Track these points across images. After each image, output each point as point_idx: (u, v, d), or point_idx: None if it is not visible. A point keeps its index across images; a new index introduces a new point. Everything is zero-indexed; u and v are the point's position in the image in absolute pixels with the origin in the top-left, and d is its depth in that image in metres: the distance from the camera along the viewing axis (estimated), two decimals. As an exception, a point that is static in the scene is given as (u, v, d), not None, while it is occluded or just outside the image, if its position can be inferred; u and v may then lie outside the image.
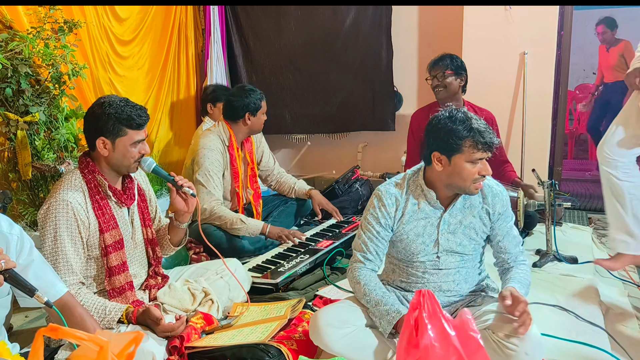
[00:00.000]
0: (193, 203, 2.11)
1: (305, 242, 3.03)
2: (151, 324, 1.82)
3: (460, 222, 1.90)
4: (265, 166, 3.44)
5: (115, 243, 1.97)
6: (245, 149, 3.24)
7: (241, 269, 2.42)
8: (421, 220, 1.90)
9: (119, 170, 2.00)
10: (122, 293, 1.99)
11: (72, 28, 2.82)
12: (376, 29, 4.18)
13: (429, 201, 1.90)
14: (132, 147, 1.95)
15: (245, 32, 4.46)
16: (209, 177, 2.99)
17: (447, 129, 1.81)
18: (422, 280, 1.95)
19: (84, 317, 1.71)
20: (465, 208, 1.90)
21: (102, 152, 1.94)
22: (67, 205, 1.87)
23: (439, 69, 3.24)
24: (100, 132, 1.92)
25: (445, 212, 1.89)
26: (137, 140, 1.96)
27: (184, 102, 4.20)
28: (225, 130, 3.12)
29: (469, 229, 1.90)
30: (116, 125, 1.91)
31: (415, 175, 1.95)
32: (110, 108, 1.91)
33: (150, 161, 2.06)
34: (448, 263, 1.92)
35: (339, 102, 4.38)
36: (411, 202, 1.91)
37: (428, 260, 1.92)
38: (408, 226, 1.91)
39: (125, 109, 1.92)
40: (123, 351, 1.25)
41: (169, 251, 2.28)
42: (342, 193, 3.65)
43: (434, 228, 1.90)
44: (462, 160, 1.79)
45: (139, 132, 1.96)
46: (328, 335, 1.77)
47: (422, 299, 1.35)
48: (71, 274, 1.87)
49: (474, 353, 1.31)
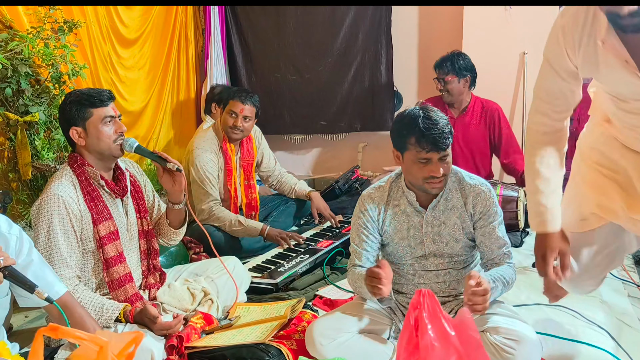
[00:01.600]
0: (180, 180, 2.09)
1: (305, 242, 3.03)
2: (148, 323, 1.82)
3: (443, 223, 1.89)
4: (266, 167, 3.43)
5: (109, 234, 1.97)
6: (243, 154, 3.20)
7: (240, 267, 2.41)
8: (404, 223, 1.91)
9: (102, 156, 1.98)
10: (121, 285, 1.98)
11: (72, 28, 2.82)
12: (376, 29, 4.18)
13: (410, 202, 1.90)
14: (104, 126, 1.94)
15: (245, 32, 4.46)
16: (204, 177, 2.98)
17: (397, 126, 1.85)
18: (413, 281, 1.96)
19: (83, 317, 1.71)
20: (448, 209, 1.89)
21: (80, 142, 1.95)
22: (59, 200, 1.87)
23: (441, 74, 3.26)
24: (69, 122, 1.94)
25: (426, 212, 1.89)
26: (106, 117, 1.94)
27: (184, 101, 4.21)
28: (219, 128, 3.12)
29: (454, 230, 1.88)
30: (80, 109, 1.92)
31: (398, 178, 1.97)
32: (71, 97, 1.94)
33: (132, 140, 2.04)
34: (437, 264, 1.92)
35: (338, 102, 4.37)
36: (392, 204, 1.93)
37: (417, 263, 1.93)
38: (392, 229, 1.93)
39: (83, 91, 1.95)
40: (123, 351, 1.25)
41: (172, 236, 2.25)
42: (342, 193, 3.65)
43: (418, 230, 1.90)
44: (409, 158, 1.81)
45: (104, 109, 1.94)
46: (323, 346, 1.77)
47: (422, 299, 1.35)
48: (66, 267, 1.86)
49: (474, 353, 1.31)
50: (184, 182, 2.11)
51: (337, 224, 3.33)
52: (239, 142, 3.17)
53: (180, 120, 4.17)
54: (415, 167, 1.80)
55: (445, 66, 3.26)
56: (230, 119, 3.01)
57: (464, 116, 3.39)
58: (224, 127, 3.05)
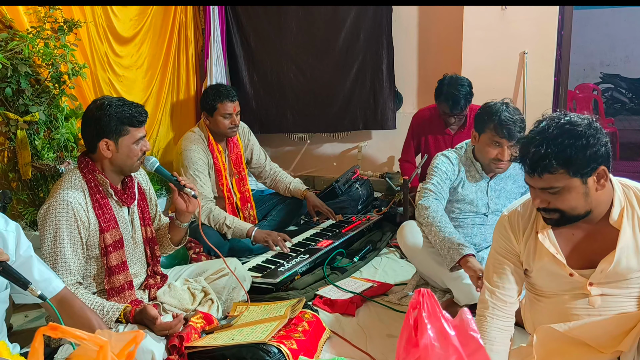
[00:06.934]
0: (194, 204, 2.12)
1: (306, 241, 3.03)
2: (148, 323, 1.82)
3: (503, 188, 2.37)
4: (257, 163, 3.43)
5: (115, 243, 1.97)
6: (231, 149, 3.20)
7: (240, 268, 2.42)
8: (472, 185, 2.36)
9: (122, 170, 2.00)
10: (120, 292, 1.99)
11: (71, 28, 2.82)
12: (377, 28, 4.18)
13: (477, 170, 2.34)
14: (135, 145, 1.96)
15: (246, 32, 4.46)
16: (194, 176, 2.99)
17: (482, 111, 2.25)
18: (472, 231, 2.40)
19: (84, 308, 1.72)
20: (507, 177, 2.37)
21: (106, 154, 1.94)
22: (68, 206, 1.87)
23: (459, 111, 3.16)
24: (103, 133, 1.93)
25: (491, 180, 2.35)
26: (139, 138, 1.97)
27: (184, 101, 4.20)
28: (203, 128, 3.12)
29: (511, 193, 2.37)
30: (118, 125, 1.92)
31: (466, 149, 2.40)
32: (110, 109, 1.91)
33: (153, 160, 2.09)
34: (494, 220, 2.31)
35: (339, 101, 4.37)
36: (464, 169, 2.37)
37: (478, 218, 2.40)
38: (464, 191, 2.36)
39: (124, 108, 1.93)
40: (123, 351, 1.24)
41: (168, 250, 2.28)
42: (342, 193, 3.65)
43: (484, 194, 2.37)
44: (484, 140, 2.23)
45: (140, 130, 1.97)
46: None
47: (422, 299, 1.35)
48: (69, 274, 1.86)
49: (473, 353, 1.30)
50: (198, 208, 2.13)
51: (336, 219, 3.34)
52: (225, 140, 3.18)
53: (180, 120, 4.17)
54: (486, 149, 2.23)
55: (460, 106, 3.13)
56: (226, 121, 3.05)
57: (462, 132, 3.30)
58: (222, 130, 3.07)
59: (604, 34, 8.76)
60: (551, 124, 1.44)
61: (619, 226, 1.48)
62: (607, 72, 8.69)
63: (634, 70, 8.58)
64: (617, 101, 8.61)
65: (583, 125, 1.41)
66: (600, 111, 6.47)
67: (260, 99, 4.51)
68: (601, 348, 1.54)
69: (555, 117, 1.47)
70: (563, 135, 1.40)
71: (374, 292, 2.55)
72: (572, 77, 5.43)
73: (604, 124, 6.34)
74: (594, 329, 1.54)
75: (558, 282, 1.59)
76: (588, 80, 8.11)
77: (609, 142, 1.42)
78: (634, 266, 1.49)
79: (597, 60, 8.96)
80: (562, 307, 1.60)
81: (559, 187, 1.43)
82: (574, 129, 1.41)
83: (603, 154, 1.41)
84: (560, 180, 1.42)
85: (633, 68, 8.64)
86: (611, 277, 1.51)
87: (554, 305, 1.63)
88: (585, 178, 1.42)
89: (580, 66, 8.44)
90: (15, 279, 1.46)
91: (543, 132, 1.44)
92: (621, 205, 1.49)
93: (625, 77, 8.54)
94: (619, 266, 1.48)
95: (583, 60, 8.50)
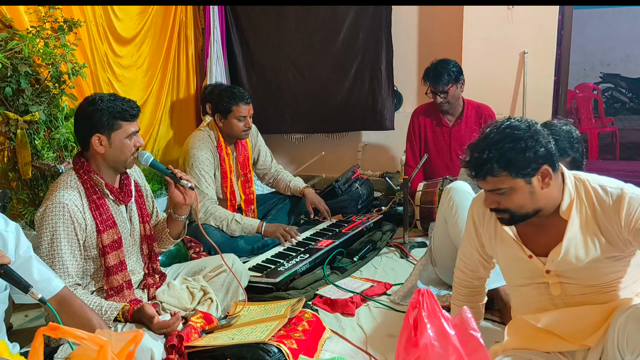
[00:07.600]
0: (191, 195, 2.11)
1: (305, 241, 3.03)
2: (146, 322, 1.82)
3: None
4: (263, 164, 3.43)
5: (113, 242, 1.97)
6: (239, 151, 3.20)
7: (238, 264, 2.40)
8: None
9: (116, 166, 1.99)
10: (119, 292, 1.99)
11: (71, 27, 2.82)
12: (376, 28, 4.17)
13: None
14: (128, 140, 1.95)
15: (245, 32, 4.45)
16: (200, 176, 2.98)
17: None
18: None
19: (84, 307, 1.72)
20: None
21: (98, 149, 1.93)
22: (64, 208, 1.86)
23: (441, 87, 3.20)
24: (95, 128, 1.92)
25: None
26: (132, 133, 1.96)
27: (184, 101, 4.21)
28: (214, 128, 3.11)
29: None
30: (110, 120, 1.91)
31: None
32: (102, 103, 1.91)
33: (147, 155, 2.07)
34: None
35: (339, 101, 4.37)
36: None
37: None
38: None
39: (116, 103, 1.93)
40: (123, 350, 1.24)
41: (168, 244, 2.27)
42: (342, 192, 3.64)
43: None
44: None
45: (132, 124, 1.96)
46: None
47: (422, 298, 1.35)
48: (67, 276, 1.86)
49: (473, 352, 1.31)
50: (195, 199, 2.12)
51: (331, 219, 3.35)
52: (235, 142, 3.17)
53: (180, 120, 4.17)
54: None
55: (442, 79, 3.17)
56: (240, 124, 3.02)
57: (459, 124, 3.34)
58: (236, 133, 3.05)
59: (604, 34, 8.75)
60: (493, 129, 1.53)
61: (567, 217, 1.54)
62: (607, 72, 8.70)
63: (634, 70, 8.58)
64: (617, 101, 8.62)
65: (522, 129, 1.49)
66: (600, 111, 6.47)
67: (258, 100, 4.51)
68: (569, 339, 1.59)
69: (497, 122, 1.55)
70: (503, 140, 1.48)
71: (374, 291, 2.55)
72: (572, 76, 5.43)
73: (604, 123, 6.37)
74: (560, 320, 1.59)
75: (520, 267, 1.64)
76: (588, 80, 8.10)
77: (550, 143, 1.49)
78: (582, 256, 1.54)
79: (597, 60, 8.96)
80: (530, 299, 1.66)
81: (504, 188, 1.51)
82: (513, 132, 1.49)
83: (543, 154, 1.48)
84: (505, 182, 1.50)
85: (633, 68, 8.65)
86: (562, 266, 1.56)
87: (523, 297, 1.70)
88: (529, 178, 1.49)
89: (580, 66, 8.44)
90: (16, 282, 1.46)
91: (486, 137, 1.53)
92: (571, 197, 1.54)
93: (625, 77, 8.55)
94: (568, 256, 1.54)
95: (583, 60, 8.50)
